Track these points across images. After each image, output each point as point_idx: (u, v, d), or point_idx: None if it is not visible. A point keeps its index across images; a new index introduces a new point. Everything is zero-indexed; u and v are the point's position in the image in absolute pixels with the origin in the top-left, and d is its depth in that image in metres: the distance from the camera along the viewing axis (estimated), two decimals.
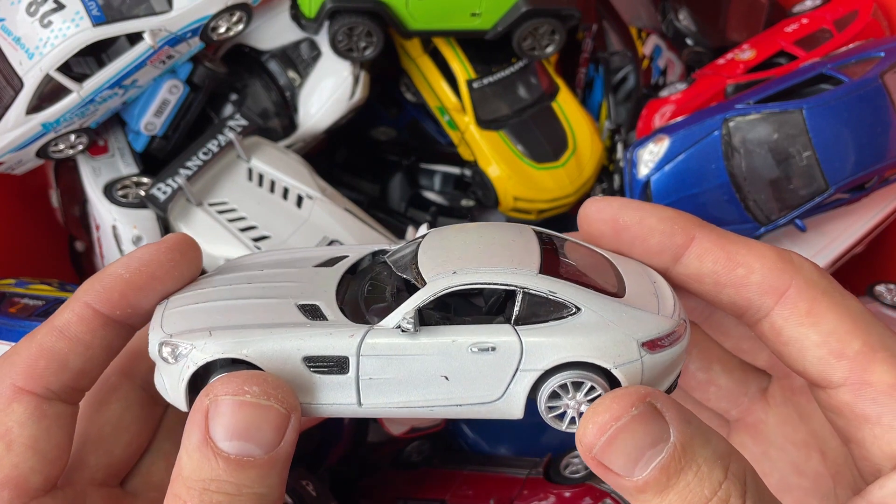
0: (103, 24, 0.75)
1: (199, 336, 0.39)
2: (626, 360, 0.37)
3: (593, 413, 0.35)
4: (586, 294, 0.38)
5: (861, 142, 0.75)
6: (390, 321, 0.38)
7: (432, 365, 0.38)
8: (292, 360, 0.38)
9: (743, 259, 0.39)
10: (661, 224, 0.40)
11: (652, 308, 0.38)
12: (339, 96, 0.91)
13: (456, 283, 0.38)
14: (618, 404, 0.34)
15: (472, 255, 0.39)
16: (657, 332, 0.37)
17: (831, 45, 0.89)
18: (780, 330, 0.38)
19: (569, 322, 0.37)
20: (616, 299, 0.38)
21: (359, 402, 0.39)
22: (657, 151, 0.82)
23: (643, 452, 0.33)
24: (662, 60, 1.02)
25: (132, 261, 0.42)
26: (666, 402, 0.35)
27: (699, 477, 0.33)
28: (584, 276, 0.39)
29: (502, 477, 0.76)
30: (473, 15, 0.87)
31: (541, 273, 0.38)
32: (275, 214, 0.81)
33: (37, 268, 0.92)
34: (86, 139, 0.84)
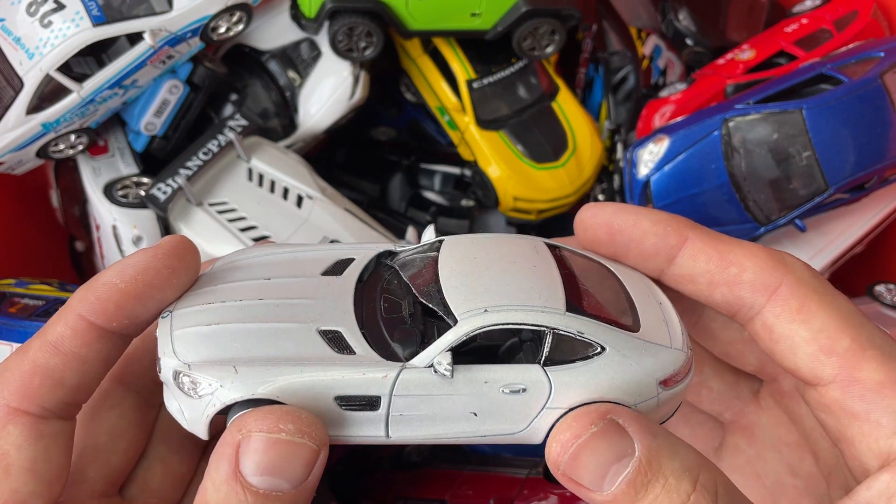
0: (103, 25, 0.75)
1: (223, 372, 0.37)
2: (645, 398, 0.38)
3: (557, 432, 0.36)
4: (609, 332, 0.38)
5: (861, 142, 0.75)
6: (422, 360, 0.38)
7: (462, 403, 0.38)
8: (324, 398, 0.38)
9: (735, 258, 0.40)
10: (654, 227, 0.41)
11: (665, 340, 0.39)
12: (339, 96, 0.91)
13: (489, 323, 0.38)
14: (578, 423, 0.35)
15: (499, 285, 0.39)
16: (673, 368, 0.38)
17: (831, 45, 0.90)
18: (772, 327, 0.39)
19: (595, 362, 0.38)
20: (634, 335, 0.39)
21: (387, 435, 0.39)
22: (657, 151, 0.82)
23: (608, 468, 0.34)
24: (662, 60, 1.02)
25: (127, 268, 0.40)
26: (628, 417, 0.35)
27: (667, 489, 0.33)
28: (604, 308, 0.39)
29: (502, 477, 0.76)
30: (473, 15, 0.87)
31: (568, 310, 0.38)
32: (275, 214, 0.81)
33: (37, 268, 0.92)
34: (86, 139, 0.84)
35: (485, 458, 0.84)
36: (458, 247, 0.42)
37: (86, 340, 0.39)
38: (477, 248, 0.42)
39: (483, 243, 0.42)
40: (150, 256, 0.40)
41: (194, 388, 0.38)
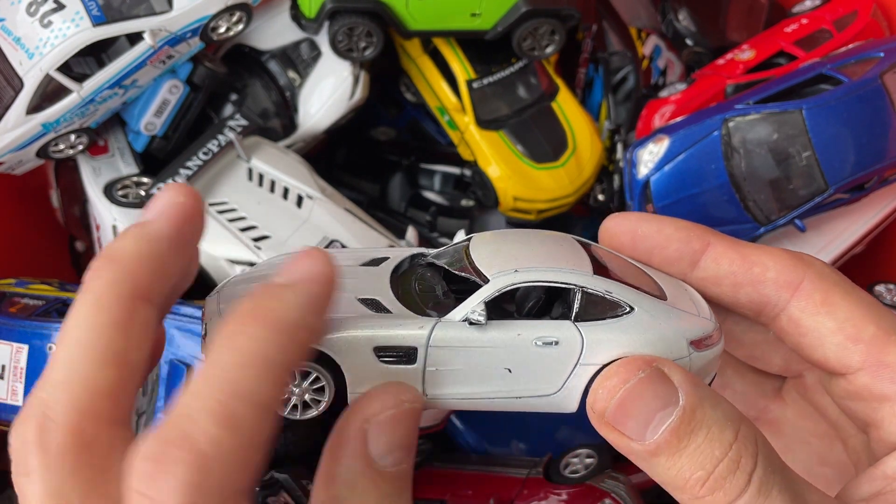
0: (103, 24, 0.75)
1: None
2: (678, 356, 0.39)
3: (603, 378, 0.37)
4: (638, 295, 0.40)
5: (861, 142, 0.75)
6: (457, 314, 0.39)
7: (497, 357, 0.39)
8: (364, 350, 0.39)
9: (757, 259, 0.41)
10: (677, 232, 0.42)
11: (692, 310, 0.41)
12: (339, 96, 0.91)
13: (519, 280, 0.39)
14: (625, 368, 0.36)
15: (528, 255, 0.41)
16: (702, 332, 0.40)
17: (831, 46, 0.90)
18: (798, 321, 0.40)
19: (625, 320, 0.39)
20: (662, 301, 0.40)
21: (424, 392, 0.40)
22: (657, 151, 0.82)
23: (653, 415, 0.35)
24: (662, 60, 1.02)
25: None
26: (672, 367, 0.36)
27: (710, 438, 0.34)
28: (632, 278, 0.41)
29: (502, 477, 0.76)
30: (473, 15, 0.87)
31: (595, 274, 0.40)
32: (275, 214, 0.81)
33: (37, 268, 0.92)
34: (86, 139, 0.84)
35: (485, 458, 0.84)
36: (487, 237, 0.44)
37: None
38: (505, 236, 0.44)
39: (511, 234, 0.45)
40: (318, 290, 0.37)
41: None
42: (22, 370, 0.71)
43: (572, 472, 0.74)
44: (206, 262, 0.81)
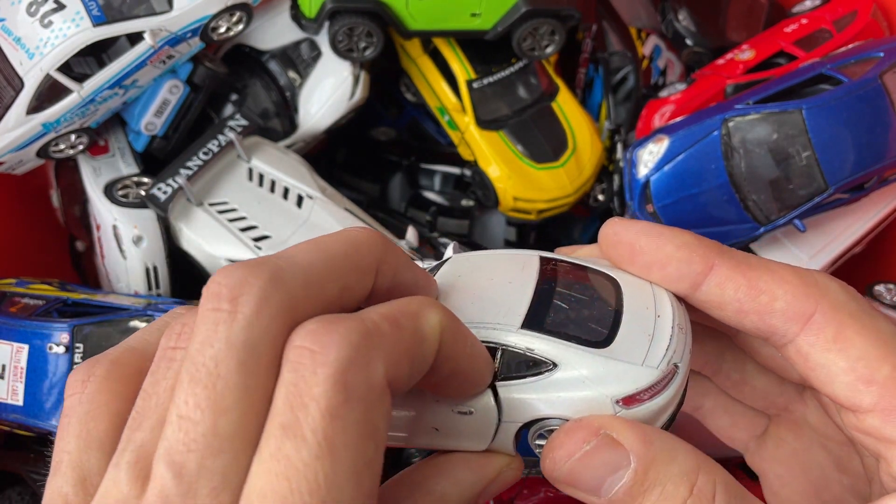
0: (103, 24, 0.75)
1: None
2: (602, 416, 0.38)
3: (549, 448, 0.36)
4: (564, 349, 0.38)
5: (860, 142, 0.75)
6: None
7: (422, 419, 0.39)
8: None
9: (765, 286, 0.38)
10: (678, 251, 0.40)
11: (637, 357, 0.38)
12: (339, 96, 0.91)
13: None
14: (570, 439, 0.35)
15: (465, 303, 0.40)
16: (634, 387, 0.37)
17: (831, 46, 0.90)
18: (807, 356, 0.38)
19: (545, 379, 0.38)
20: (597, 351, 0.38)
21: None
22: (657, 151, 0.83)
23: (604, 480, 0.34)
24: (662, 61, 1.02)
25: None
26: (622, 428, 0.35)
27: (663, 496, 0.34)
28: (571, 322, 0.39)
29: None
30: (473, 15, 0.87)
31: (523, 327, 0.38)
32: (275, 214, 0.81)
33: (37, 268, 0.92)
34: (86, 139, 0.84)
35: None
36: (455, 265, 0.43)
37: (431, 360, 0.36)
38: (468, 267, 0.43)
39: (477, 262, 0.43)
40: None
41: None
42: (22, 370, 0.71)
43: None
44: (205, 262, 0.81)
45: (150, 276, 0.82)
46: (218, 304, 0.28)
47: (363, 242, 0.34)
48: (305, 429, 0.27)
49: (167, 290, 0.83)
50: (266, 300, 0.28)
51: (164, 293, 0.83)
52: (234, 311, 0.28)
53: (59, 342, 0.71)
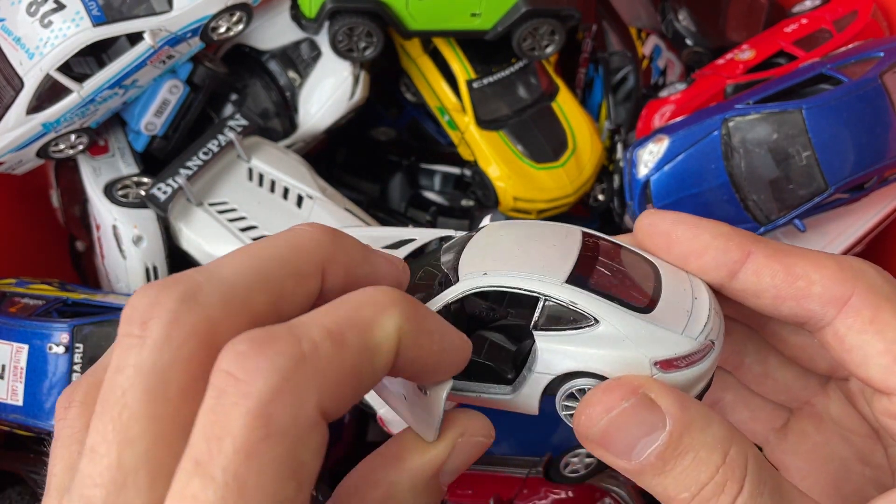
0: (103, 24, 0.75)
1: None
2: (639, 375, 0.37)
3: (585, 404, 0.36)
4: (607, 307, 0.38)
5: (860, 142, 0.75)
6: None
7: None
8: None
9: (802, 271, 0.38)
10: (715, 240, 0.40)
11: (677, 327, 0.38)
12: (339, 96, 0.91)
13: (484, 284, 0.39)
14: (608, 396, 0.35)
15: (508, 256, 0.41)
16: (674, 352, 0.37)
17: (831, 46, 0.90)
18: (843, 338, 0.38)
19: (585, 333, 0.38)
20: (639, 315, 0.38)
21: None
22: (657, 151, 0.82)
23: (638, 440, 0.34)
24: (662, 60, 1.02)
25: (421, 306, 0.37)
26: (660, 391, 0.35)
27: (696, 462, 0.34)
28: (614, 286, 0.40)
29: (502, 476, 0.76)
30: (473, 15, 0.87)
31: (567, 282, 0.39)
32: (275, 214, 0.81)
33: (37, 268, 0.92)
34: (86, 139, 0.84)
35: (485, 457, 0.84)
36: (494, 229, 0.44)
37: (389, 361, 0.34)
38: (510, 229, 0.44)
39: (517, 227, 0.44)
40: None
41: None
42: (22, 370, 0.71)
43: (572, 471, 0.74)
44: (205, 262, 0.81)
45: (149, 276, 0.82)
46: (129, 328, 0.27)
47: (304, 243, 0.33)
48: (216, 466, 0.25)
49: None
50: (176, 322, 0.27)
51: None
52: (143, 337, 0.27)
53: (58, 342, 0.71)
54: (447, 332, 0.35)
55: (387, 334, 0.31)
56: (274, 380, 0.27)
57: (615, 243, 0.43)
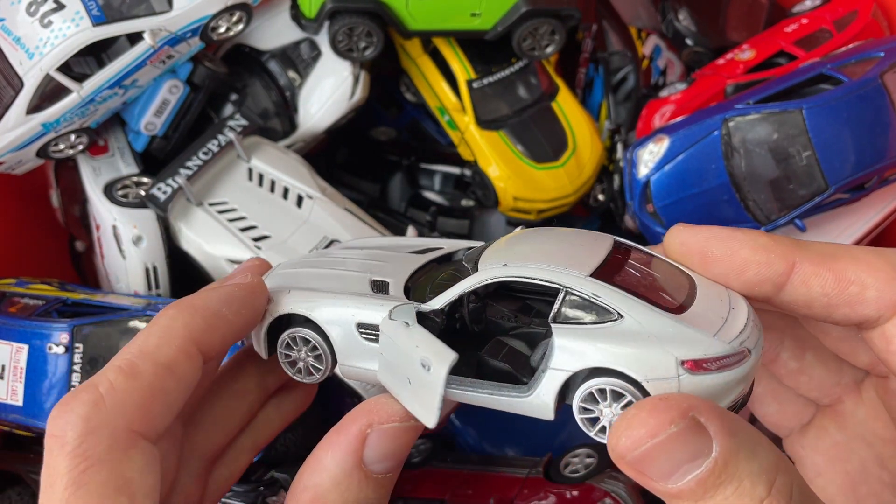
0: (103, 24, 0.75)
1: (279, 293, 0.44)
2: (659, 376, 0.35)
3: (628, 425, 0.33)
4: (633, 303, 0.36)
5: (861, 142, 0.75)
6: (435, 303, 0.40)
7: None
8: (348, 325, 0.42)
9: (854, 276, 0.37)
10: (755, 255, 0.38)
11: (710, 329, 0.36)
12: (339, 96, 0.91)
13: (503, 274, 0.38)
14: (655, 419, 0.32)
15: (531, 252, 0.40)
16: (704, 352, 0.35)
17: (831, 45, 0.90)
18: (892, 339, 0.36)
19: (607, 328, 0.36)
20: (667, 314, 0.36)
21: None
22: (657, 151, 0.82)
23: (680, 466, 0.32)
24: (662, 60, 1.02)
25: (233, 300, 0.41)
26: (710, 414, 0.32)
27: (739, 492, 0.32)
28: (643, 287, 0.38)
29: (502, 476, 0.76)
30: (473, 15, 0.87)
31: (591, 276, 0.37)
32: (275, 214, 0.81)
33: (37, 268, 0.92)
34: (86, 139, 0.84)
35: (485, 458, 0.84)
36: (521, 233, 0.44)
37: (195, 367, 0.39)
38: (538, 232, 0.44)
39: (547, 229, 0.44)
40: (249, 293, 0.42)
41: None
42: (22, 370, 0.71)
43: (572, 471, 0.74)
44: (205, 262, 0.81)
45: (149, 276, 0.82)
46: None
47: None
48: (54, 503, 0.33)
49: (167, 289, 0.83)
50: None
51: (163, 293, 0.83)
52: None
53: (58, 342, 0.71)
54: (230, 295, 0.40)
55: (177, 346, 0.37)
56: (79, 425, 0.34)
57: (649, 253, 0.42)
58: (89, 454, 0.34)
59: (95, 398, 0.35)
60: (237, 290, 0.41)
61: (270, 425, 0.50)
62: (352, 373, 0.43)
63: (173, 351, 0.37)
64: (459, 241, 0.49)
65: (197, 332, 0.38)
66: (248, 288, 0.42)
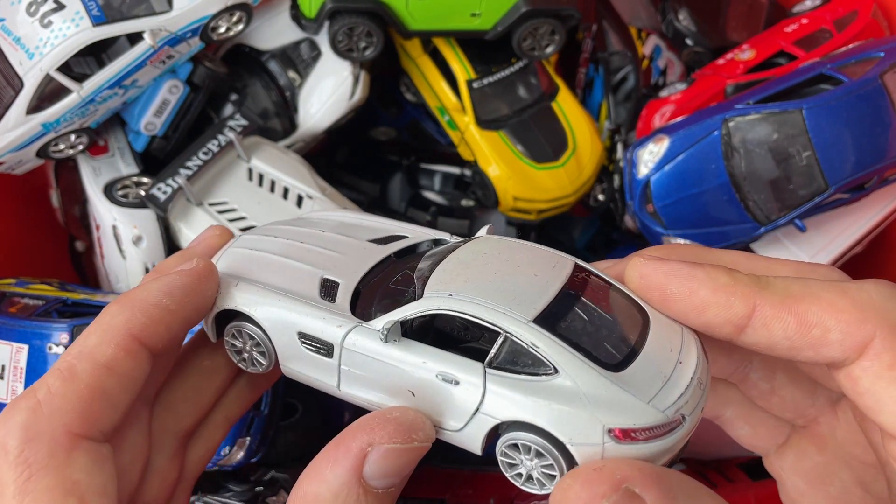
0: (103, 24, 0.75)
1: (227, 283, 0.43)
2: (584, 441, 0.34)
3: (561, 497, 0.32)
4: (571, 358, 0.35)
5: (861, 142, 0.75)
6: (377, 324, 0.39)
7: (402, 377, 0.38)
8: (289, 331, 0.42)
9: (815, 318, 0.35)
10: (715, 296, 0.37)
11: (645, 394, 0.35)
12: (339, 96, 0.91)
13: (446, 307, 0.38)
14: (588, 492, 0.32)
15: (481, 279, 0.39)
16: (633, 422, 0.34)
17: (831, 45, 0.90)
18: (857, 380, 0.35)
19: (541, 382, 0.35)
20: (605, 373, 0.35)
21: (338, 386, 0.41)
22: (657, 151, 0.82)
23: None
24: (662, 60, 1.02)
25: (174, 289, 0.40)
26: (646, 483, 0.32)
27: None
28: (587, 334, 0.37)
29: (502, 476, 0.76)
30: (473, 15, 0.87)
31: (534, 322, 0.36)
32: (275, 214, 0.81)
33: (37, 268, 0.92)
34: (86, 139, 0.84)
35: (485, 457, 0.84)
36: (482, 244, 0.43)
37: (139, 362, 0.39)
38: (498, 248, 0.42)
39: (507, 246, 0.42)
40: (194, 279, 0.41)
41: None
42: (22, 370, 0.71)
43: None
44: None
45: None
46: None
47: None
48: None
49: None
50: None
51: None
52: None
53: (58, 342, 0.71)
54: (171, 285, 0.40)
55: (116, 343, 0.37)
56: (18, 433, 0.35)
57: (608, 283, 0.41)
58: (31, 461, 0.34)
59: (33, 405, 0.35)
60: (180, 279, 0.41)
61: (243, 399, 0.50)
62: (295, 375, 0.43)
63: (112, 349, 0.38)
64: (428, 231, 0.48)
65: (137, 328, 0.38)
66: (192, 275, 0.41)
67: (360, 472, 0.35)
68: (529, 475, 0.37)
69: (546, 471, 0.36)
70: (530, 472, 0.37)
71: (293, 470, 0.73)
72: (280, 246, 0.46)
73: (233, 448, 0.69)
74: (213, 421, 0.48)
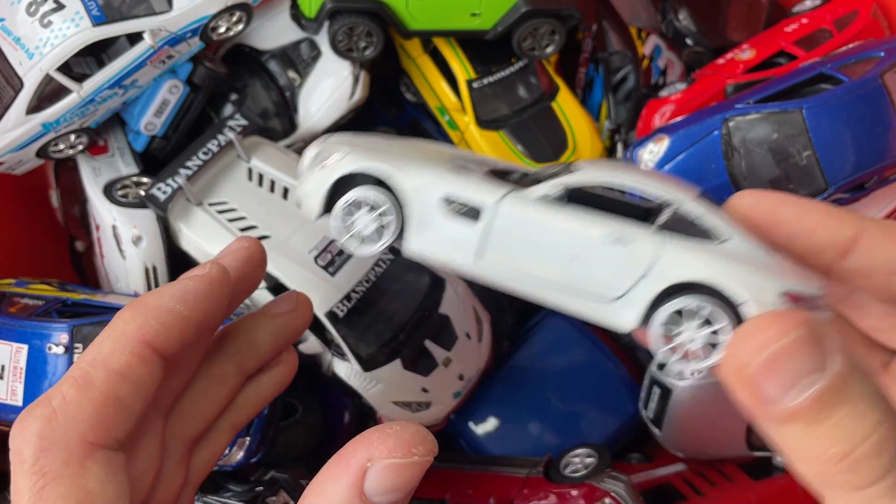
0: (103, 24, 0.75)
1: (350, 149, 0.40)
2: (761, 301, 0.34)
3: (749, 331, 0.32)
4: (740, 230, 0.36)
5: (861, 142, 0.75)
6: (537, 190, 0.37)
7: (564, 241, 0.36)
8: (433, 196, 0.38)
9: None
10: (825, 219, 0.38)
11: (803, 269, 0.36)
12: (339, 96, 0.91)
13: (613, 177, 0.37)
14: (778, 324, 0.31)
15: (628, 170, 0.39)
16: (804, 288, 0.34)
17: (831, 45, 0.90)
18: None
19: (715, 244, 0.35)
20: (769, 248, 0.36)
21: (475, 260, 0.38)
22: (657, 151, 0.82)
23: (799, 379, 0.30)
24: (662, 60, 1.02)
25: (188, 295, 0.40)
26: (828, 329, 0.31)
27: (854, 413, 0.30)
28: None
29: (502, 476, 0.76)
30: (473, 15, 0.87)
31: (699, 199, 0.37)
32: (275, 214, 0.81)
33: (37, 268, 0.92)
34: (86, 139, 0.84)
35: (485, 457, 0.84)
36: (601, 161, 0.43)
37: (151, 368, 0.38)
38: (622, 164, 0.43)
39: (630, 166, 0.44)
40: (207, 285, 0.41)
41: (325, 159, 0.40)
42: (22, 370, 0.71)
43: (572, 471, 0.74)
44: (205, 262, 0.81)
45: (149, 276, 0.82)
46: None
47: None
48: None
49: None
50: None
51: None
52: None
53: (58, 342, 0.71)
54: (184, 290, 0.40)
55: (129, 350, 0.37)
56: (34, 442, 0.35)
57: None
58: (46, 470, 0.35)
59: (48, 413, 0.36)
60: (193, 285, 0.41)
61: (250, 406, 0.49)
62: (420, 251, 0.39)
63: (126, 356, 0.37)
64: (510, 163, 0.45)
65: (150, 334, 0.38)
66: (206, 280, 0.41)
67: (361, 488, 0.35)
68: (686, 350, 0.35)
69: (710, 340, 0.35)
70: (690, 344, 0.35)
71: (293, 470, 0.73)
72: (396, 142, 0.43)
73: (233, 448, 0.69)
74: (220, 427, 0.48)
